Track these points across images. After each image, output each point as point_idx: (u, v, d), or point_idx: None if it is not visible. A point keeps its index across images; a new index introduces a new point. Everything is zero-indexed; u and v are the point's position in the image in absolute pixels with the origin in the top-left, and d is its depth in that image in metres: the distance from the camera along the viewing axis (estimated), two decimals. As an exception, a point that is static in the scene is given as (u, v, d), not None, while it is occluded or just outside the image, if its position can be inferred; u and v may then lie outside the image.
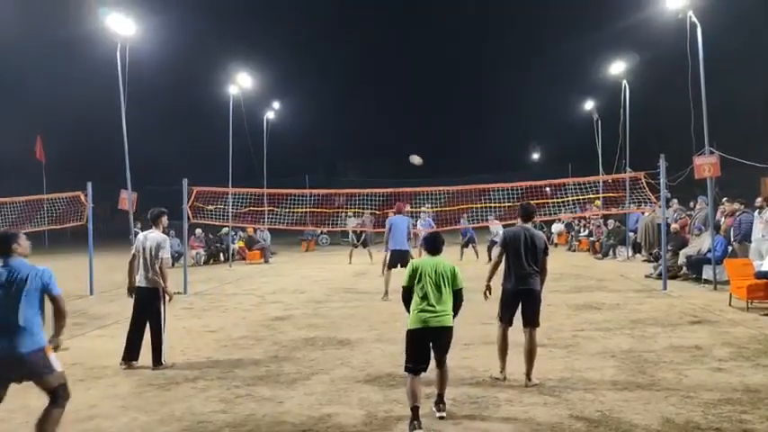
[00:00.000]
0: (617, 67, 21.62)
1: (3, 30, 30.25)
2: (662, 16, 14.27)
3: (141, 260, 7.67)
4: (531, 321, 6.53)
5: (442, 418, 5.48)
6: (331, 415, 5.66)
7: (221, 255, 22.69)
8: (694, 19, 12.85)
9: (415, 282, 5.58)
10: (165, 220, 8.08)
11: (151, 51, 17.83)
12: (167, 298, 7.67)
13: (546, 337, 6.76)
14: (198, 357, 7.92)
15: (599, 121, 24.77)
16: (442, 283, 5.54)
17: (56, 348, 4.73)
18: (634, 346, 7.95)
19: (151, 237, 7.73)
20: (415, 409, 5.26)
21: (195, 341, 8.90)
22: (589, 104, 27.46)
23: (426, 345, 5.52)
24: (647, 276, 14.81)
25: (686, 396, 5.90)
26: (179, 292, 13.84)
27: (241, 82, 22.68)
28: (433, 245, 5.86)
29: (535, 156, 54.24)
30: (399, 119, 56.79)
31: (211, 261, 22.31)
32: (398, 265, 12.06)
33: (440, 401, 5.62)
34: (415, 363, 5.45)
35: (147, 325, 7.58)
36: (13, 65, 34.88)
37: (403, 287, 5.67)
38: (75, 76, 34.61)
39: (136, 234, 14.46)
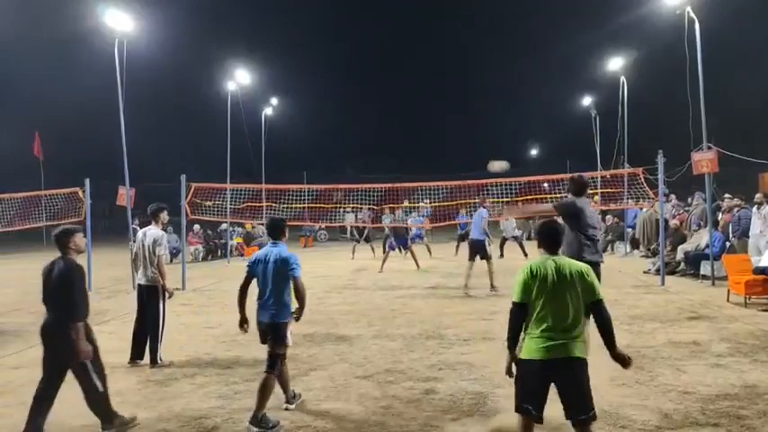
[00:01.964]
0: (615, 64, 21.64)
1: (0, 26, 30.17)
2: (660, 12, 14.27)
3: (141, 257, 7.67)
4: None
5: None
6: (329, 411, 5.67)
7: (219, 251, 22.70)
8: (692, 15, 12.84)
9: (534, 293, 4.11)
10: (164, 215, 8.04)
11: (149, 48, 17.79)
12: (167, 295, 7.67)
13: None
14: (196, 354, 7.92)
15: (597, 118, 24.78)
16: (570, 295, 4.09)
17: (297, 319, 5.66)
18: (632, 341, 7.96)
19: (149, 233, 7.71)
20: None
21: (194, 337, 8.90)
22: (587, 100, 27.47)
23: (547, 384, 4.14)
24: (645, 272, 14.83)
25: (684, 392, 5.91)
26: (177, 288, 13.84)
27: (239, 78, 22.66)
28: (551, 237, 4.31)
29: (534, 152, 54.25)
30: (400, 117, 56.72)
31: (210, 257, 22.32)
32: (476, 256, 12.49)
33: None
34: (530, 403, 4.10)
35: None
36: (10, 62, 34.77)
37: (514, 302, 4.17)
38: (73, 73, 34.51)
39: (134, 231, 14.51)
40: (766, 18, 30.82)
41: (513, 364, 4.20)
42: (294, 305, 5.60)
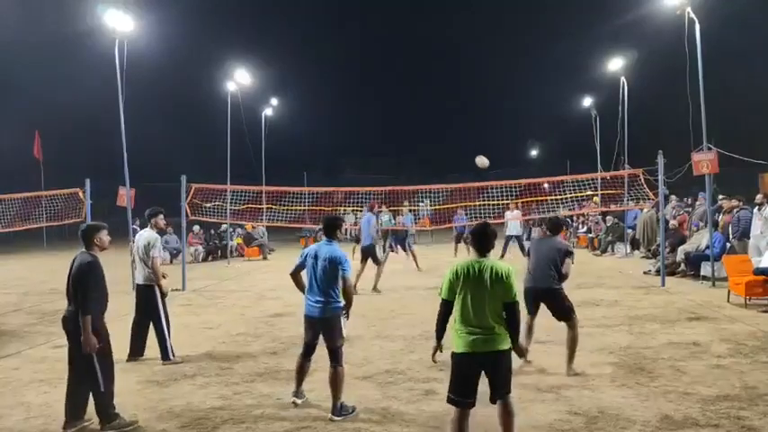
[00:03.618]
0: (615, 64, 21.65)
1: (0, 26, 30.16)
2: (660, 12, 14.28)
3: (136, 258, 7.76)
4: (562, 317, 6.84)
5: None
6: (329, 411, 5.66)
7: (219, 251, 22.68)
8: (692, 15, 12.84)
9: (457, 292, 4.51)
10: (160, 219, 8.07)
11: (150, 48, 17.79)
12: (163, 294, 7.73)
13: (544, 333, 6.77)
14: (196, 354, 7.92)
15: (597, 118, 24.79)
16: (488, 295, 4.45)
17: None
18: (632, 342, 7.96)
19: (143, 236, 7.80)
20: None
21: (194, 338, 8.90)
22: (587, 101, 27.47)
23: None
24: (645, 273, 14.82)
25: (684, 392, 5.91)
26: (177, 289, 13.86)
27: (239, 79, 22.67)
28: (482, 240, 4.67)
29: (534, 153, 54.23)
30: (399, 117, 56.70)
31: (210, 258, 22.31)
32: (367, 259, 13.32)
33: None
34: (460, 394, 4.48)
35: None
36: (10, 62, 34.73)
37: (441, 299, 4.60)
38: (74, 73, 34.51)
39: (134, 231, 14.50)
40: (766, 18, 30.80)
41: (437, 355, 4.69)
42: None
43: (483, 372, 4.47)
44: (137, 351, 7.65)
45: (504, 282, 4.44)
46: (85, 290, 5.28)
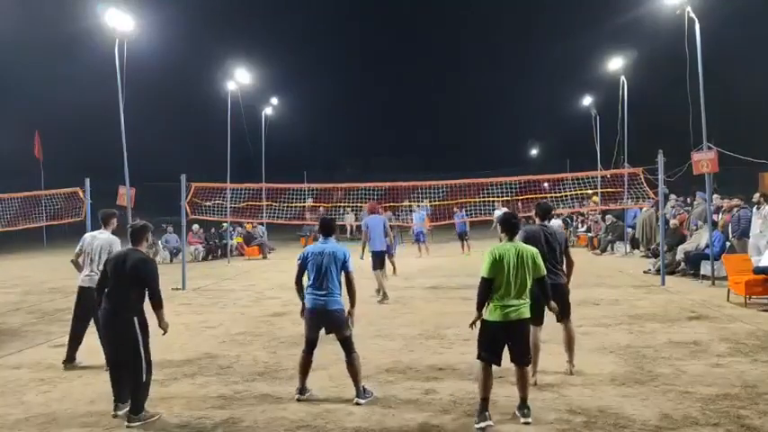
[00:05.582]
0: (615, 63, 21.66)
1: (0, 26, 30.15)
2: (661, 12, 14.28)
3: (88, 260, 7.46)
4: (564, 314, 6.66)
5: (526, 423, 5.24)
6: (329, 411, 5.67)
7: (218, 251, 22.68)
8: (692, 15, 12.84)
9: (498, 271, 5.28)
10: (114, 221, 7.80)
11: (150, 47, 17.77)
12: None
13: (544, 332, 6.75)
14: (196, 353, 7.91)
15: (597, 117, 24.79)
16: (526, 272, 5.31)
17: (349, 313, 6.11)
18: (632, 341, 7.96)
19: (101, 238, 7.48)
20: (484, 401, 5.25)
21: (194, 337, 8.90)
22: (587, 101, 27.47)
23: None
24: (645, 272, 14.82)
25: (684, 391, 5.91)
26: (177, 288, 13.87)
27: (239, 78, 22.68)
28: (511, 227, 5.55)
29: (533, 152, 54.26)
30: (399, 116, 56.72)
31: (210, 257, 22.31)
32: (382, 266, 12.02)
33: (523, 406, 5.35)
34: (491, 353, 5.30)
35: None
36: (10, 62, 34.73)
37: (483, 278, 5.33)
38: (73, 73, 34.49)
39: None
40: (766, 18, 30.81)
41: (478, 323, 5.41)
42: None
43: (507, 338, 5.29)
44: (74, 357, 7.44)
45: (536, 261, 5.42)
46: (157, 283, 5.66)
